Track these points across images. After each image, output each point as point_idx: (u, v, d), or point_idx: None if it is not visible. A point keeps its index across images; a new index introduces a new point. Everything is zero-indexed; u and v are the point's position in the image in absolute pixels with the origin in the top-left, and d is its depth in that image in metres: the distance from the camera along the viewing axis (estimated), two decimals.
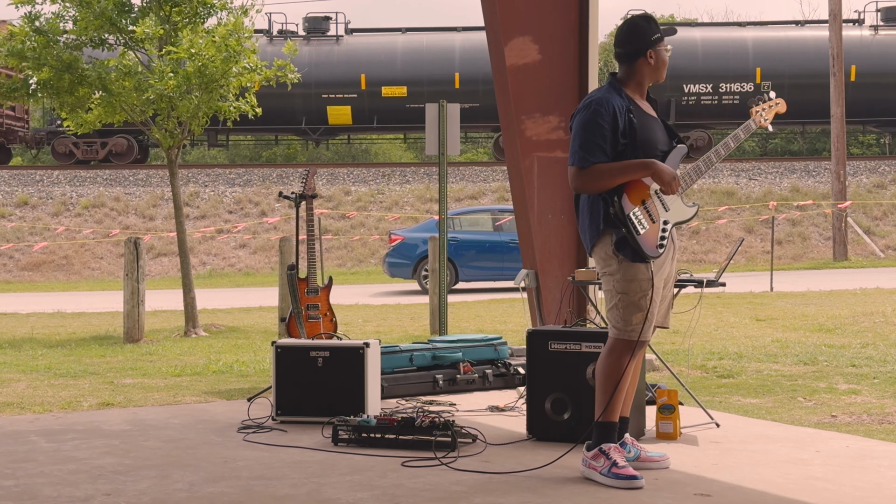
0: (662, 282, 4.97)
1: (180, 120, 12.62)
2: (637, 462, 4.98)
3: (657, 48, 4.98)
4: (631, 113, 4.91)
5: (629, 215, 4.82)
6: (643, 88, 5.05)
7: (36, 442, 5.86)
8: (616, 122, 4.87)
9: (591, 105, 4.92)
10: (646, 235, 4.84)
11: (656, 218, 4.89)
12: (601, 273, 4.99)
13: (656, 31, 5.00)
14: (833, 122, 25.08)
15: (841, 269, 23.20)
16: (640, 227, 4.83)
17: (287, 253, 12.22)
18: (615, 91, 4.98)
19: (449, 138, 10.81)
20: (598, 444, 4.85)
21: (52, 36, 12.35)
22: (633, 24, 5.02)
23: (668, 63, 5.05)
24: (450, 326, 11.76)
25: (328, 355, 6.32)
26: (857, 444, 5.64)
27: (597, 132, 4.85)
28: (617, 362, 4.90)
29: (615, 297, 4.91)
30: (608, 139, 4.86)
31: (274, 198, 28.28)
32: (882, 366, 8.66)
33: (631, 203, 4.84)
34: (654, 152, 4.94)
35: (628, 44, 5.00)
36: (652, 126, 4.99)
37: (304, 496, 4.56)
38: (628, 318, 4.87)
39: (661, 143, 5.00)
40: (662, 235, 4.89)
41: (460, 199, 28.40)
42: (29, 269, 26.44)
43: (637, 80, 5.02)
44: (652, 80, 5.04)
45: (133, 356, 10.44)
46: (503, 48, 7.42)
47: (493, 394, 7.35)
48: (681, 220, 4.98)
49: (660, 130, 5.04)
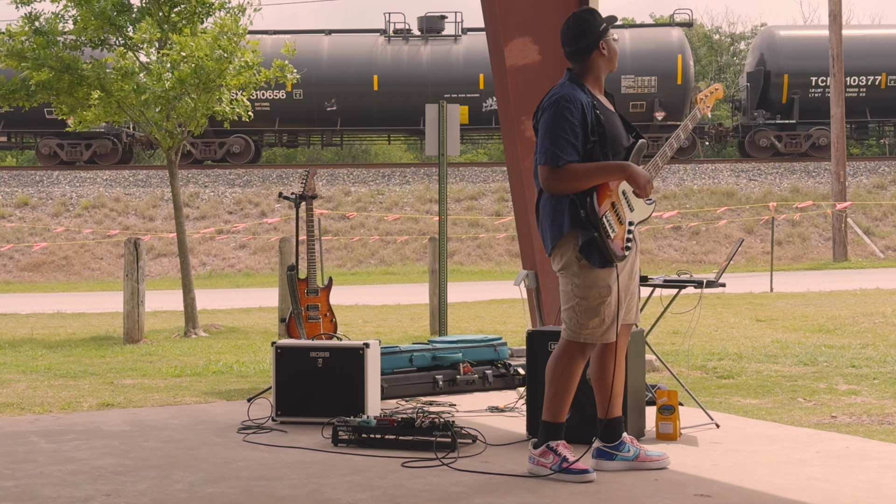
0: (628, 277, 4.94)
1: (179, 121, 12.62)
2: (637, 461, 4.98)
3: (607, 38, 4.92)
4: (596, 109, 4.83)
5: (602, 218, 4.74)
6: (601, 83, 4.98)
7: (36, 442, 5.86)
8: (585, 119, 4.79)
9: (559, 101, 4.82)
10: (615, 239, 4.78)
11: (623, 219, 4.83)
12: (559, 272, 4.91)
13: (602, 21, 4.94)
14: (833, 123, 25.08)
15: (841, 269, 23.20)
16: (612, 230, 4.76)
17: (287, 253, 12.22)
18: (577, 86, 4.89)
19: (449, 138, 10.81)
20: (544, 442, 4.86)
21: (52, 36, 12.36)
22: (579, 20, 4.94)
23: (618, 51, 5.02)
24: (450, 327, 11.75)
25: (328, 356, 6.32)
26: (857, 444, 5.64)
27: (567, 129, 4.76)
28: (570, 365, 4.87)
29: (573, 300, 4.84)
30: (579, 136, 4.77)
31: (274, 198, 28.28)
32: (882, 366, 8.66)
33: (601, 205, 4.76)
34: (620, 149, 4.87)
35: (580, 39, 4.91)
36: (615, 122, 4.92)
37: (304, 497, 4.56)
38: (584, 322, 4.82)
39: (624, 139, 4.94)
40: (629, 237, 4.83)
41: (460, 199, 28.40)
42: (29, 269, 26.44)
43: (594, 74, 4.94)
44: (608, 71, 4.97)
45: (133, 357, 10.44)
46: (503, 48, 7.43)
47: (492, 394, 7.35)
48: (643, 219, 4.93)
49: (620, 126, 4.97)
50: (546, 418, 4.91)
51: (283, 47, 13.07)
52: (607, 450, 5.00)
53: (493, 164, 30.96)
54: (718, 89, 5.33)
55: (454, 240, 26.55)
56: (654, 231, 26.89)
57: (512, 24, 7.47)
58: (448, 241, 14.32)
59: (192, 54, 11.90)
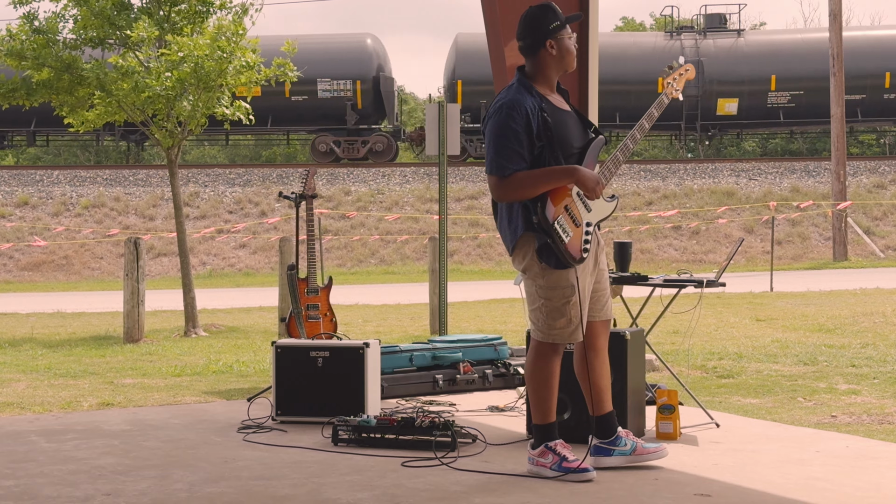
0: (590, 277, 4.87)
1: (179, 120, 12.61)
2: (635, 455, 4.96)
3: (557, 37, 4.81)
4: (544, 112, 4.74)
5: (553, 224, 4.68)
6: (552, 81, 4.88)
7: (36, 442, 5.86)
8: (530, 125, 4.70)
9: (503, 109, 4.73)
10: (570, 242, 4.73)
11: (579, 221, 4.77)
12: (521, 273, 4.89)
13: (554, 19, 4.81)
14: (833, 123, 25.09)
15: (841, 269, 23.20)
16: (565, 234, 4.71)
17: (287, 253, 12.22)
18: (525, 89, 4.80)
19: (449, 138, 10.81)
20: (541, 443, 4.86)
21: (51, 36, 12.35)
22: (529, 16, 4.85)
23: (573, 51, 4.84)
24: (450, 326, 11.75)
25: (328, 355, 6.32)
26: (857, 444, 5.64)
27: (511, 137, 4.68)
28: (545, 366, 4.85)
29: (538, 301, 4.83)
30: (524, 143, 4.69)
31: (274, 198, 28.28)
32: (882, 366, 8.66)
33: (554, 209, 4.70)
34: (571, 150, 4.79)
35: (528, 36, 4.84)
36: (566, 122, 4.83)
37: (304, 496, 4.56)
38: (552, 323, 4.80)
39: (576, 139, 4.84)
40: (586, 239, 4.78)
41: (460, 198, 28.40)
42: (29, 269, 26.44)
43: (544, 73, 4.85)
44: (559, 70, 4.86)
45: (133, 356, 10.44)
46: (503, 48, 7.42)
47: (492, 394, 7.35)
48: (603, 218, 4.86)
49: (574, 125, 4.88)
50: (536, 421, 4.91)
51: (284, 45, 13.05)
52: (603, 445, 4.99)
53: None
54: (689, 69, 5.13)
55: (454, 239, 26.55)
56: (654, 231, 26.90)
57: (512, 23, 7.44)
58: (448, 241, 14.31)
59: (190, 54, 11.89)
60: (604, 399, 5.00)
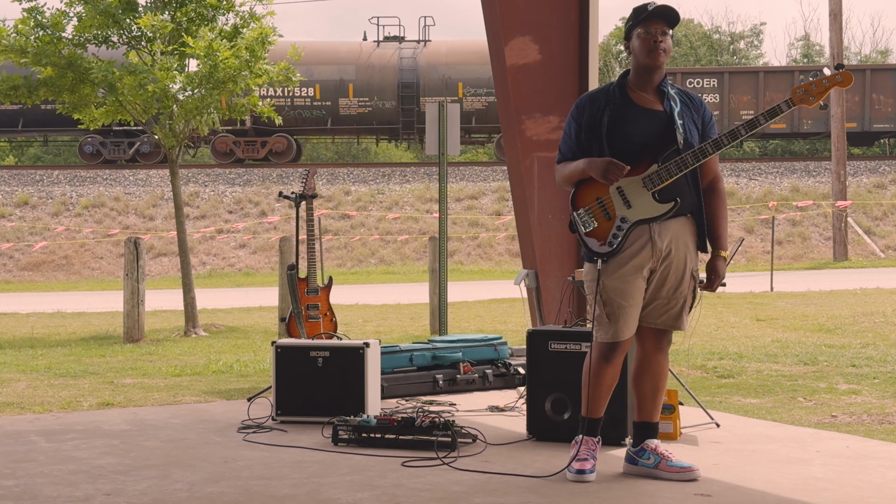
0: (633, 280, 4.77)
1: (187, 118, 12.60)
2: (657, 470, 4.85)
3: (633, 33, 4.82)
4: (611, 106, 4.80)
5: (573, 214, 4.84)
6: (642, 77, 4.85)
7: (36, 442, 5.86)
8: (591, 117, 4.83)
9: (575, 102, 4.98)
10: (594, 233, 4.78)
11: (612, 216, 4.76)
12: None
13: (632, 17, 4.84)
14: (833, 123, 25.10)
15: (841, 269, 23.20)
16: (585, 226, 4.80)
17: (287, 253, 12.22)
18: (616, 84, 4.90)
19: (449, 138, 10.81)
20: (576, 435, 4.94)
21: (55, 33, 12.33)
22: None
23: (649, 48, 4.75)
24: (450, 326, 11.75)
25: (328, 355, 6.32)
26: (858, 444, 5.63)
27: (568, 129, 4.92)
28: (593, 365, 4.88)
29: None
30: (573, 136, 4.88)
31: (274, 198, 28.28)
32: (882, 366, 8.66)
33: (580, 202, 4.83)
34: (630, 146, 4.75)
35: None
36: (636, 118, 4.79)
37: (304, 496, 4.56)
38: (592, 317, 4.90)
39: (644, 135, 4.77)
40: (615, 233, 4.75)
41: (460, 198, 28.40)
42: (29, 269, 26.44)
43: (634, 68, 4.89)
44: (644, 65, 4.80)
45: (133, 356, 10.44)
46: (503, 48, 7.42)
47: (493, 394, 7.35)
48: (648, 217, 4.74)
49: (650, 122, 4.79)
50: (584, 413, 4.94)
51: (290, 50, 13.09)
52: (631, 453, 4.97)
53: (493, 164, 30.96)
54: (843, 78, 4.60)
55: (454, 239, 26.55)
56: None
57: (512, 23, 7.47)
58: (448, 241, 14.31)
59: (213, 52, 11.92)
60: (640, 407, 4.96)
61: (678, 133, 4.76)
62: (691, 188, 4.82)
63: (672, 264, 4.83)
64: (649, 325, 4.89)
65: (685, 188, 4.79)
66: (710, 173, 4.91)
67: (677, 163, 4.71)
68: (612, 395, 5.01)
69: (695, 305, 4.96)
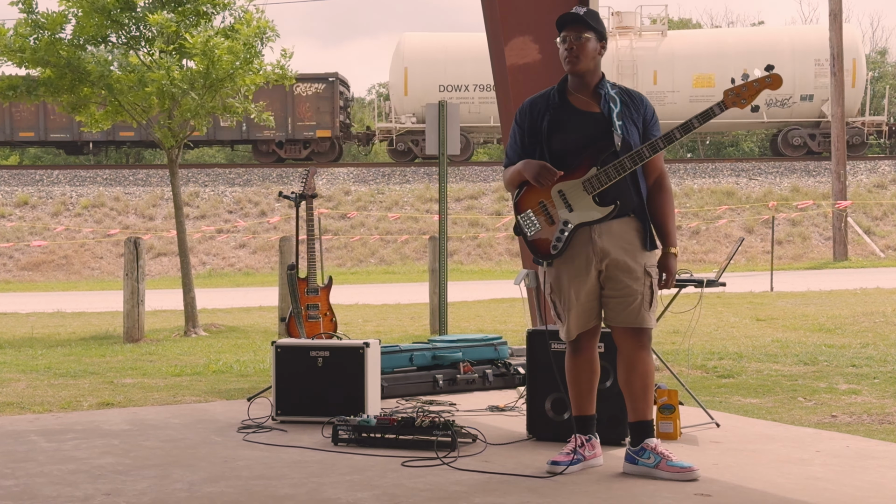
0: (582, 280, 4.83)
1: (185, 118, 12.60)
2: (657, 469, 4.83)
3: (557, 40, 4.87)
4: (550, 110, 4.87)
5: (518, 218, 4.89)
6: (575, 82, 4.89)
7: (36, 442, 5.86)
8: (532, 122, 4.91)
9: (519, 107, 5.04)
10: (538, 236, 4.83)
11: (556, 219, 4.80)
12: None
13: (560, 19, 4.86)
14: (833, 122, 25.08)
15: (841, 269, 23.20)
16: (529, 229, 4.84)
17: (287, 253, 12.22)
18: (556, 89, 4.93)
19: (449, 138, 10.80)
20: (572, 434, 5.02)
21: (52, 34, 12.31)
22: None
23: (564, 56, 4.79)
24: (450, 326, 11.76)
25: (328, 355, 6.31)
26: (858, 444, 5.63)
27: (513, 134, 5.00)
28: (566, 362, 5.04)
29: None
30: (518, 140, 4.96)
31: (274, 197, 28.29)
32: (882, 366, 8.66)
33: (524, 204, 4.87)
34: (569, 148, 4.79)
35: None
36: (573, 121, 4.83)
37: (304, 496, 4.56)
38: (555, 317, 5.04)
39: (582, 137, 4.79)
40: (559, 237, 4.79)
41: (460, 198, 28.40)
42: (29, 268, 26.44)
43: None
44: (568, 73, 4.87)
45: (133, 356, 10.44)
46: (503, 48, 7.42)
47: (493, 394, 7.35)
48: (588, 221, 4.77)
49: (587, 125, 4.82)
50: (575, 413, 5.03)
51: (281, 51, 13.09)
52: (630, 453, 4.97)
53: (493, 164, 30.97)
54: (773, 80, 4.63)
55: (454, 239, 26.55)
56: None
57: (512, 23, 7.47)
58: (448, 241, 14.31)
59: (211, 50, 11.91)
60: (632, 407, 4.95)
61: (616, 134, 4.79)
62: (632, 189, 4.84)
63: (612, 264, 4.85)
64: (617, 325, 4.92)
65: (626, 189, 4.81)
66: (654, 171, 4.91)
67: (615, 166, 4.73)
68: (612, 395, 5.02)
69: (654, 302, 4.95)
